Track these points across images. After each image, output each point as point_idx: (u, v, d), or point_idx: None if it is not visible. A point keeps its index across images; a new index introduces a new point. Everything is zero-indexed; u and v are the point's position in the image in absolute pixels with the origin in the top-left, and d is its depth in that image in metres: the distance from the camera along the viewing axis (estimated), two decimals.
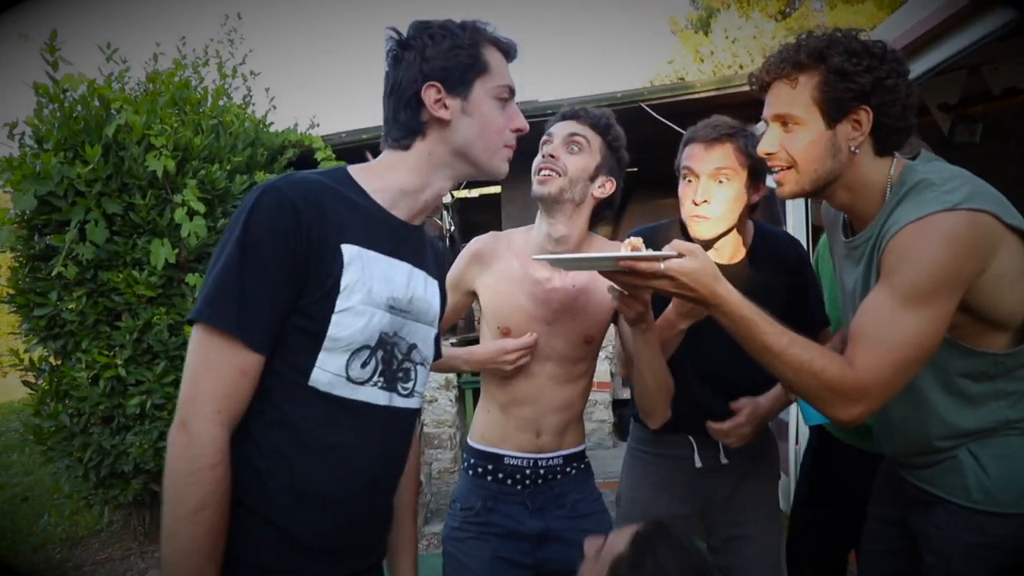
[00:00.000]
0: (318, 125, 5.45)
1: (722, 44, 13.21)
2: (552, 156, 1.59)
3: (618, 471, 2.02)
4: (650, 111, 4.87)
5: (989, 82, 3.70)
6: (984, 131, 4.01)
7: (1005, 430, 1.25)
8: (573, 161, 1.59)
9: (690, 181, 1.67)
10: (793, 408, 3.92)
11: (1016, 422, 1.24)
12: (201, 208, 3.92)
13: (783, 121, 1.27)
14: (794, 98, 1.25)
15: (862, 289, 1.29)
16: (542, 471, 1.66)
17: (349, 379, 1.08)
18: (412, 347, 1.19)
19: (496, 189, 7.04)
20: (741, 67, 12.28)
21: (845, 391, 1.15)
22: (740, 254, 1.75)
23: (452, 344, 1.91)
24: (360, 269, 1.08)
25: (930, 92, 3.61)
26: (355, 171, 1.18)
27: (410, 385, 1.19)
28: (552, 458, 1.67)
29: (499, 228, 1.83)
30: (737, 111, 2.05)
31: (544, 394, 1.65)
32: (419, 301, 1.20)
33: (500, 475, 1.64)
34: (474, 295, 1.68)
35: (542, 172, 1.60)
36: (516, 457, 1.64)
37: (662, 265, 1.15)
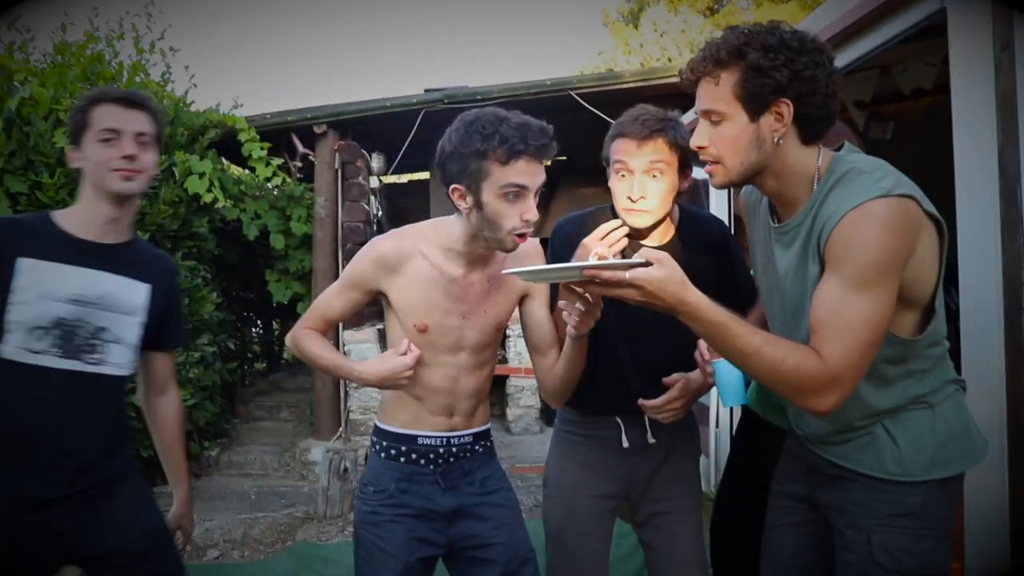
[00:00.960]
0: (241, 106, 5.30)
1: (651, 37, 13.44)
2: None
3: (545, 456, 2.04)
4: (579, 99, 4.91)
5: (899, 82, 3.90)
6: (895, 129, 4.23)
7: (913, 405, 1.33)
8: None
9: (623, 176, 1.69)
10: (713, 392, 4.05)
11: (923, 396, 1.33)
12: None
13: (709, 116, 1.31)
14: (717, 94, 1.28)
15: (795, 270, 1.34)
16: (454, 449, 1.68)
17: (29, 350, 1.55)
18: (101, 329, 1.62)
19: (425, 175, 6.99)
20: (669, 60, 12.52)
21: (820, 382, 1.18)
22: (668, 235, 1.80)
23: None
24: (30, 274, 1.55)
25: (847, 89, 3.78)
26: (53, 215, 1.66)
27: (99, 356, 1.61)
28: (463, 436, 1.70)
29: (428, 214, 1.81)
30: (664, 102, 2.09)
31: (459, 383, 1.67)
32: (111, 297, 1.63)
33: (413, 455, 1.65)
34: (379, 294, 1.65)
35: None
36: (429, 436, 1.66)
37: (627, 274, 1.16)
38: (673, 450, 1.89)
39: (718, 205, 4.00)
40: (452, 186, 1.51)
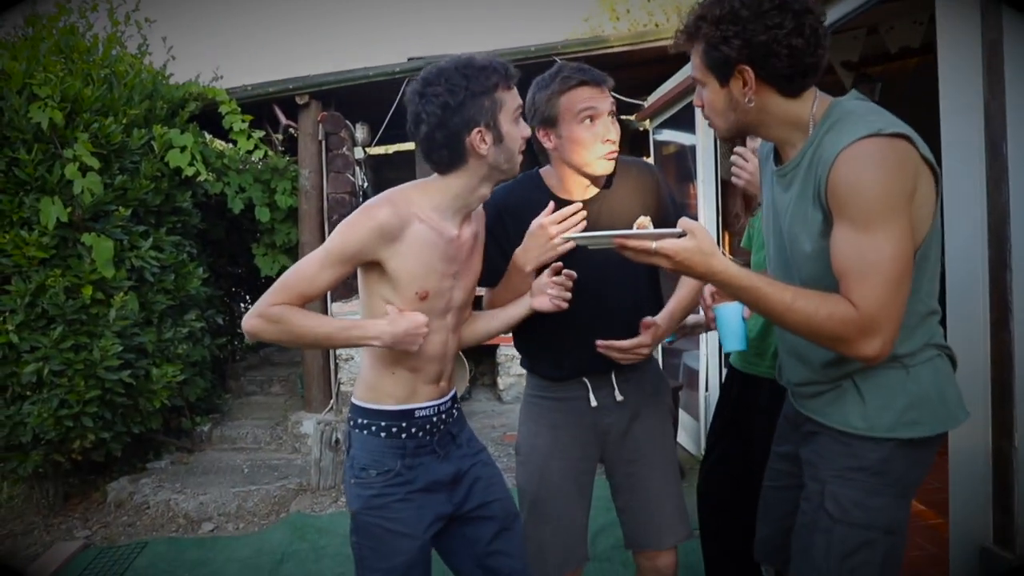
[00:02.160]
0: (221, 77, 5.21)
1: (638, 2, 13.26)
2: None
3: None
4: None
5: (887, 42, 3.86)
6: (881, 90, 4.20)
7: (887, 363, 1.32)
8: None
9: (592, 121, 1.72)
10: (703, 357, 4.08)
11: (899, 356, 1.32)
12: (95, 163, 3.69)
13: (696, 81, 1.42)
14: (695, 64, 1.40)
15: (794, 210, 1.37)
16: (443, 415, 1.67)
17: None
18: None
19: (411, 146, 6.92)
20: (656, 25, 12.36)
21: (857, 327, 1.21)
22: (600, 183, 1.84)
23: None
24: None
25: (834, 49, 3.74)
26: None
27: None
28: (447, 401, 1.70)
29: None
30: (650, 66, 2.07)
31: (448, 345, 1.66)
32: None
33: (413, 429, 1.61)
34: (370, 264, 1.56)
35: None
36: (425, 407, 1.64)
37: (654, 245, 1.25)
38: (642, 408, 1.89)
39: (705, 174, 3.98)
40: (473, 131, 1.51)
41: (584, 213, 1.75)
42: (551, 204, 1.76)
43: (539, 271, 1.74)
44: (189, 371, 4.59)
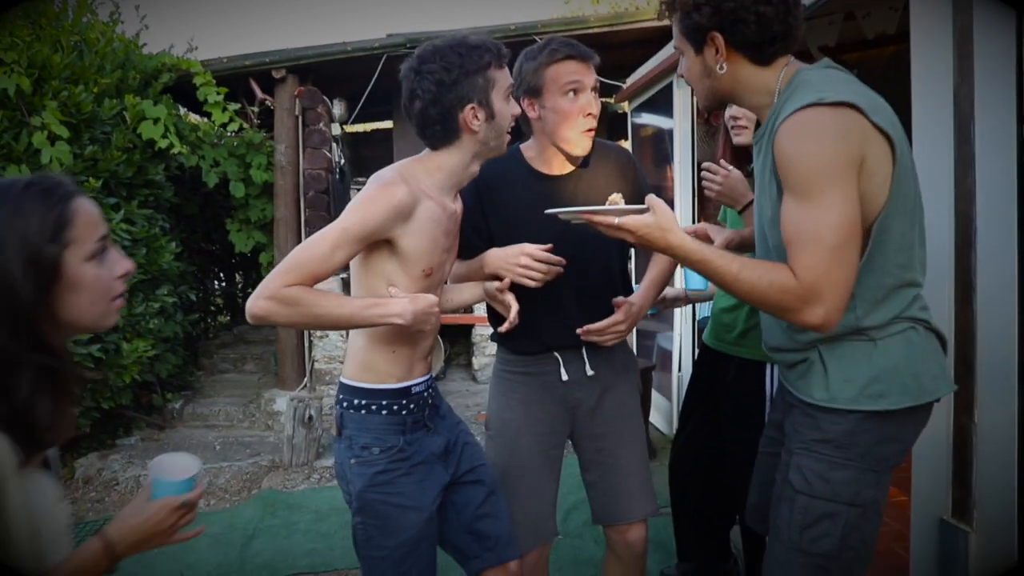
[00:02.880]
0: (196, 49, 5.11)
1: None
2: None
3: None
4: None
5: (863, 28, 3.89)
6: (857, 76, 4.23)
7: (853, 336, 1.34)
8: None
9: (575, 94, 1.76)
10: (676, 338, 4.12)
11: (864, 328, 1.33)
12: (64, 132, 3.62)
13: (677, 50, 1.48)
14: (675, 33, 1.46)
15: (760, 175, 1.42)
16: (431, 389, 1.70)
17: None
18: None
19: (388, 124, 6.87)
20: (637, 8, 12.34)
21: (798, 295, 1.24)
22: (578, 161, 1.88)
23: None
24: None
25: (811, 34, 3.77)
26: None
27: None
28: (431, 376, 1.73)
29: (390, 162, 1.76)
30: (631, 48, 2.08)
31: (439, 319, 1.67)
32: None
33: (412, 406, 1.63)
34: (382, 243, 1.54)
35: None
36: (419, 383, 1.65)
37: (616, 220, 1.34)
38: (612, 384, 1.91)
39: (681, 155, 3.99)
40: (466, 108, 1.53)
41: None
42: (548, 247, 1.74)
43: (494, 277, 1.76)
44: (160, 347, 4.54)
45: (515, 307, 1.70)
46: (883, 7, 3.59)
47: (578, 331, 1.77)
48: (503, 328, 1.72)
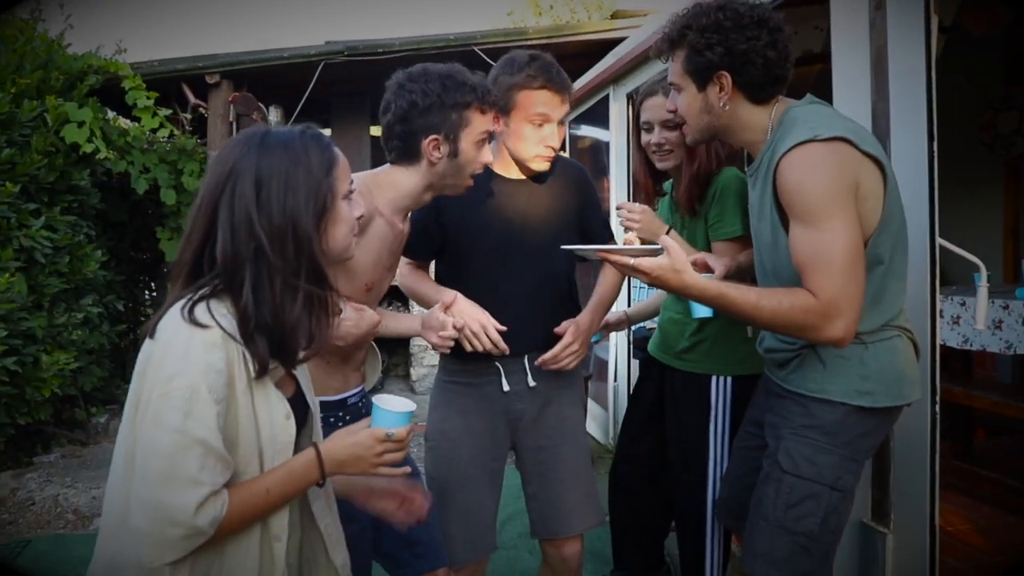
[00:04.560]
0: (125, 51, 4.94)
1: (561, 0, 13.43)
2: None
3: None
4: (483, 56, 4.85)
5: (792, 48, 4.03)
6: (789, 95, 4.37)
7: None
8: None
9: (541, 125, 1.77)
10: (613, 348, 4.17)
11: (859, 335, 1.43)
12: None
13: (674, 86, 1.57)
14: (674, 69, 1.54)
15: (759, 205, 1.53)
16: (363, 400, 1.69)
17: None
18: None
19: (326, 131, 6.77)
20: (577, 21, 12.51)
21: (819, 312, 1.34)
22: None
23: None
24: None
25: None
26: None
27: None
28: (363, 387, 1.72)
29: None
30: (569, 61, 2.11)
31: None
32: None
33: (347, 417, 1.61)
34: None
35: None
36: (353, 394, 1.65)
37: (632, 261, 1.39)
38: (555, 395, 1.91)
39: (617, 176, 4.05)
40: (429, 137, 1.54)
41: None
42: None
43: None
44: (84, 359, 4.34)
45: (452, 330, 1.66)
46: (809, 26, 3.72)
47: (536, 362, 1.79)
48: (438, 343, 1.67)
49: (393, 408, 1.21)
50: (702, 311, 1.81)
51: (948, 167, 1.95)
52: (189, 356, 1.02)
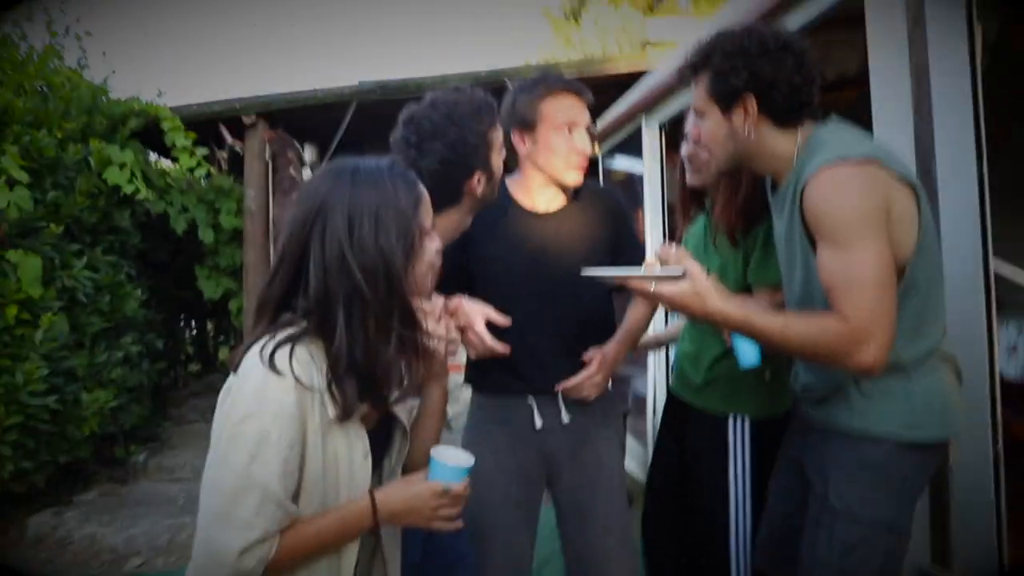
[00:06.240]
0: (164, 94, 5.09)
1: (592, 33, 13.52)
2: None
3: None
4: None
5: (823, 69, 3.95)
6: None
7: (892, 372, 1.37)
8: None
9: (570, 131, 1.74)
10: (651, 382, 4.06)
11: (900, 363, 1.38)
12: (24, 177, 3.55)
13: (697, 111, 1.53)
14: (698, 94, 1.50)
15: (787, 232, 1.48)
16: None
17: None
18: None
19: None
20: (609, 56, 12.59)
21: (849, 339, 1.27)
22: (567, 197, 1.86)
23: None
24: None
25: None
26: None
27: None
28: None
29: None
30: (601, 92, 2.10)
31: None
32: None
33: None
34: None
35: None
36: None
37: (652, 287, 1.33)
38: (591, 432, 1.83)
39: (651, 199, 4.00)
40: (470, 179, 1.57)
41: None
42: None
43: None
44: (124, 397, 4.40)
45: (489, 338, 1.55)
46: (842, 49, 3.65)
47: (556, 387, 1.74)
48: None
49: (452, 462, 1.18)
50: (747, 359, 1.71)
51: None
52: (263, 398, 1.01)
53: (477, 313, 1.56)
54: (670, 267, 1.35)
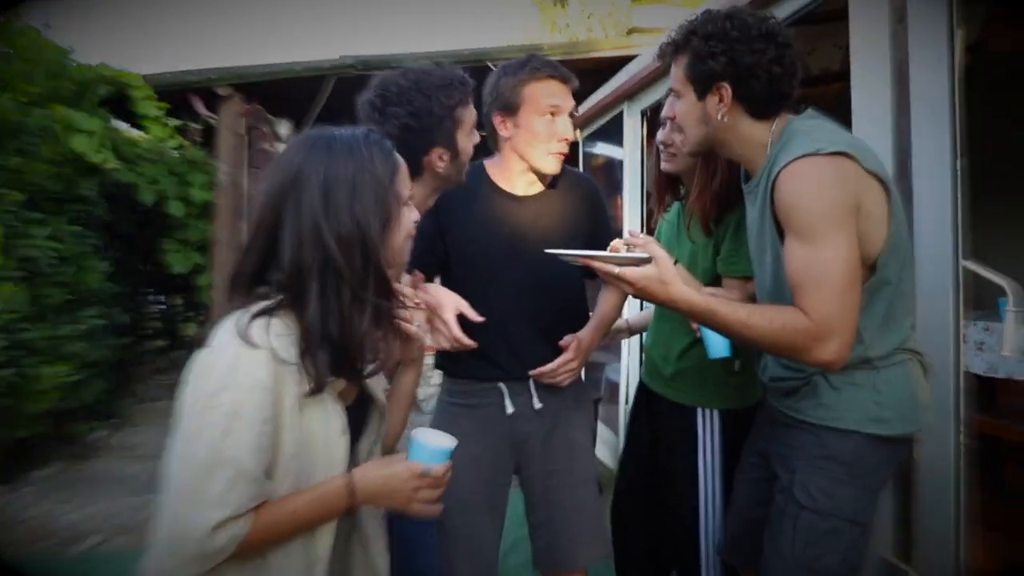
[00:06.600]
0: (136, 63, 4.95)
1: (578, 17, 13.44)
2: None
3: None
4: None
5: (809, 64, 3.96)
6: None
7: (857, 364, 1.38)
8: None
9: (553, 116, 1.72)
10: (624, 369, 4.07)
11: (868, 358, 1.39)
12: None
13: (674, 91, 1.52)
14: (676, 75, 1.49)
15: (758, 223, 1.46)
16: None
17: None
18: None
19: None
20: (594, 40, 12.53)
21: (811, 334, 1.26)
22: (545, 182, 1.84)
23: None
24: None
25: None
26: None
27: None
28: None
29: None
30: (585, 76, 2.07)
31: None
32: None
33: None
34: None
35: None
36: None
37: (617, 270, 1.30)
38: (563, 418, 1.82)
39: (631, 183, 3.99)
40: (431, 152, 1.53)
41: None
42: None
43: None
44: (85, 372, 4.30)
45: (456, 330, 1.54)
46: (827, 45, 3.65)
47: (530, 373, 1.72)
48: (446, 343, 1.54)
49: (432, 443, 1.15)
50: (716, 349, 1.70)
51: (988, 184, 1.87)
52: (237, 371, 0.98)
53: (449, 303, 1.54)
54: (635, 252, 1.34)
